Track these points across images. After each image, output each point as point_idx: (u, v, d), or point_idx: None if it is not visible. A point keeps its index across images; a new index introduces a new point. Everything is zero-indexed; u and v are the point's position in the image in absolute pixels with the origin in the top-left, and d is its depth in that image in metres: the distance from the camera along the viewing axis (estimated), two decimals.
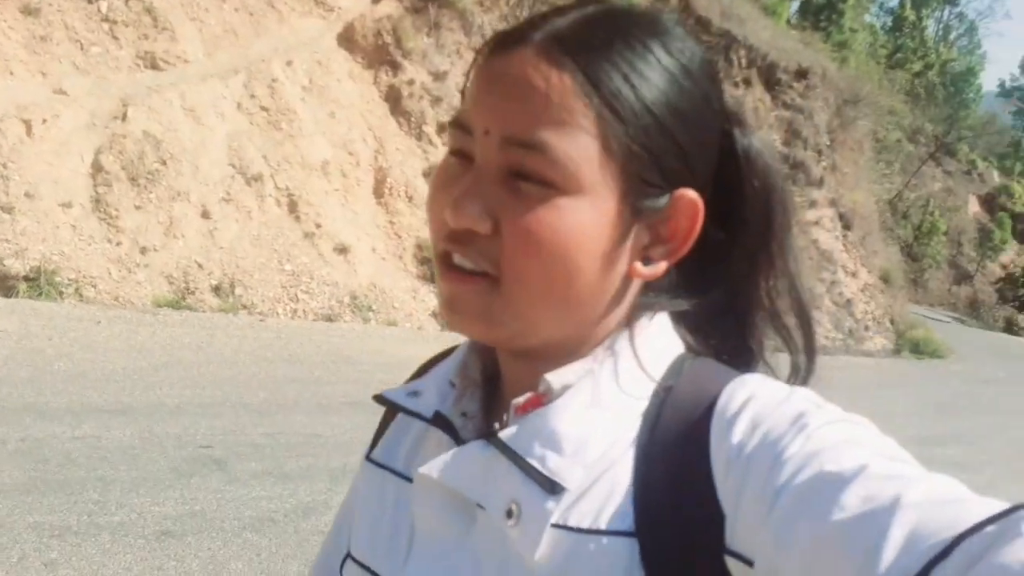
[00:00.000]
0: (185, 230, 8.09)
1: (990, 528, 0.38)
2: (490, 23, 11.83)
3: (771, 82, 15.92)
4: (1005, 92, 66.15)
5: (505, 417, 0.59)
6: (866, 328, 16.21)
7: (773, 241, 0.61)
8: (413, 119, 10.61)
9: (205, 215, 8.28)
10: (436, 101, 10.76)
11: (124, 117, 8.23)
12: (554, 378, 0.56)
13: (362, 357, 7.18)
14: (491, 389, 0.64)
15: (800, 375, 0.63)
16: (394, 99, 10.64)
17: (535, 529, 0.53)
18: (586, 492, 0.54)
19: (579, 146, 0.52)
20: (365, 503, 0.67)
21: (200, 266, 7.97)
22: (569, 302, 0.55)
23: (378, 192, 9.96)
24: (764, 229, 0.61)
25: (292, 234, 8.79)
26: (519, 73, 0.53)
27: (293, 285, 8.42)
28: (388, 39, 10.80)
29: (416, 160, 10.43)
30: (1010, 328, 38.16)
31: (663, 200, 0.56)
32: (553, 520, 0.53)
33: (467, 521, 0.57)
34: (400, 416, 0.69)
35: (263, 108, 9.37)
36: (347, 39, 10.69)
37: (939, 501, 0.41)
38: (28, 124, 7.66)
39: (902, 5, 52.87)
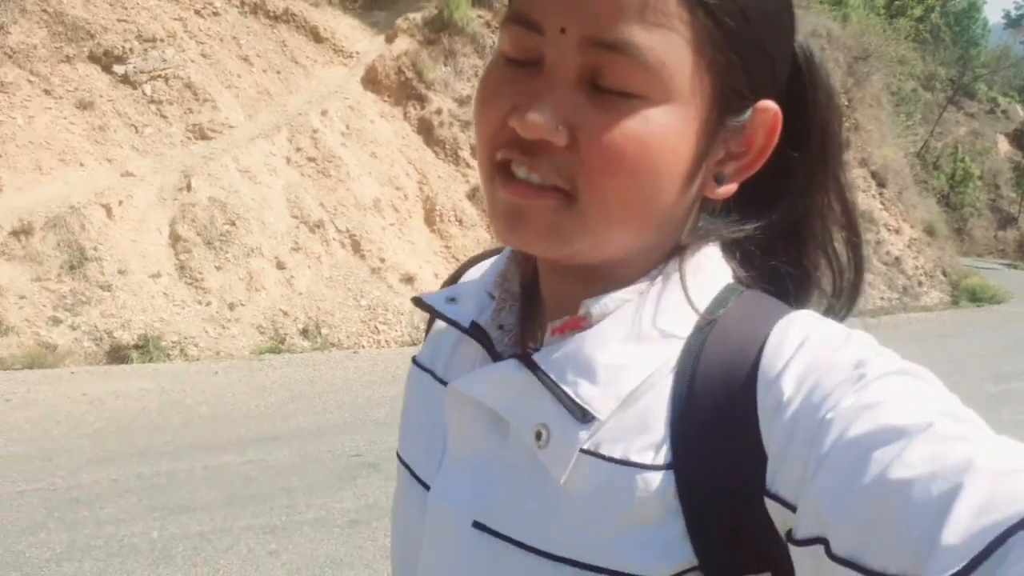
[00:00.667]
0: (264, 282, 8.94)
1: None
2: None
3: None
4: (1012, 22, 66.48)
5: (541, 336, 0.59)
6: (919, 284, 16.74)
7: (832, 156, 0.60)
8: (448, 146, 11.47)
9: (280, 266, 9.13)
10: (465, 125, 11.61)
11: (189, 187, 9.13)
12: (594, 305, 0.55)
13: None
14: (529, 302, 0.63)
15: (846, 295, 0.62)
16: (426, 130, 11.51)
17: (564, 454, 0.53)
18: (620, 422, 0.53)
19: (672, 49, 0.49)
20: (410, 404, 0.70)
21: (285, 313, 8.80)
22: (644, 221, 0.54)
23: (429, 220, 10.78)
24: (825, 143, 0.60)
25: (360, 271, 9.62)
26: None
27: (371, 319, 9.22)
28: (410, 74, 11.71)
29: (458, 184, 11.26)
30: None
31: (748, 113, 0.54)
32: (583, 446, 0.53)
33: (500, 435, 0.58)
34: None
35: (310, 159, 10.26)
36: (371, 81, 11.60)
37: (1010, 469, 0.40)
38: (107, 208, 8.57)
39: None
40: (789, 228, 0.61)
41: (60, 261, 8.00)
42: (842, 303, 0.62)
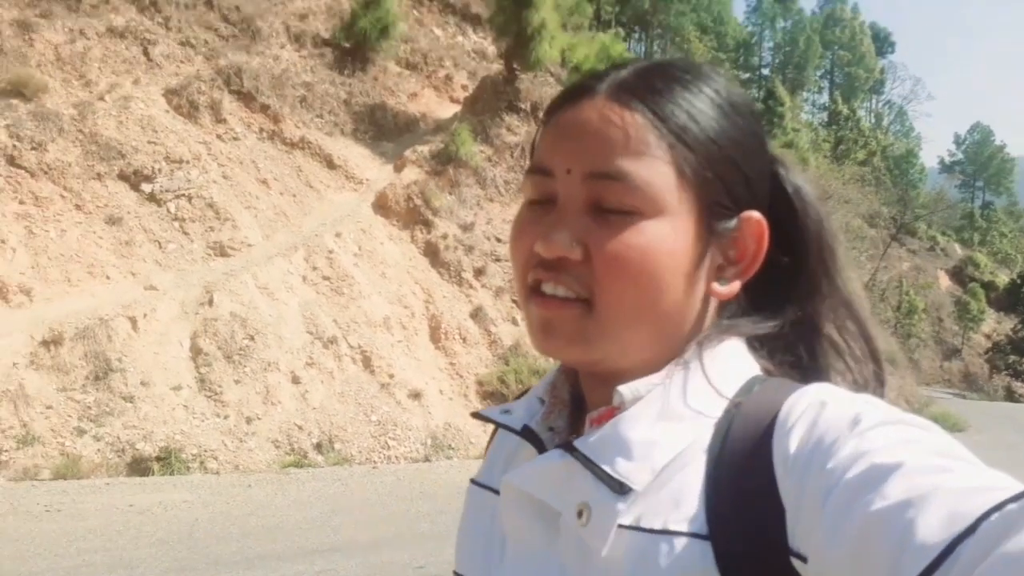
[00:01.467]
0: (280, 396, 9.12)
1: (1012, 507, 0.42)
2: (500, 175, 13.62)
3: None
4: (946, 167, 71.62)
5: (583, 430, 0.64)
6: None
7: (831, 264, 0.68)
8: (452, 268, 12.01)
9: (295, 380, 9.35)
10: (469, 249, 12.22)
11: (211, 303, 9.43)
12: (626, 389, 0.61)
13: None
14: (578, 408, 0.70)
15: (871, 388, 0.66)
16: (432, 253, 12.07)
17: (603, 527, 0.57)
18: (656, 495, 0.58)
19: (656, 173, 0.60)
20: (468, 522, 0.73)
21: (300, 427, 8.95)
22: (656, 320, 0.62)
23: (434, 338, 11.15)
24: (822, 254, 0.68)
25: (370, 387, 9.86)
26: (593, 117, 0.61)
27: (382, 434, 9.40)
28: (418, 201, 12.39)
29: (462, 304, 11.74)
30: (1011, 396, 39.84)
31: (733, 222, 0.63)
32: (623, 521, 0.57)
33: (552, 528, 0.62)
34: (498, 438, 0.76)
35: (325, 278, 10.68)
36: (381, 206, 12.24)
37: (977, 488, 0.44)
38: (133, 320, 8.80)
39: (833, 100, 57.98)
40: (802, 327, 0.67)
41: (86, 372, 8.16)
42: (868, 392, 0.64)
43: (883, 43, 65.14)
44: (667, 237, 0.59)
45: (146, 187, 10.33)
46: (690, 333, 0.64)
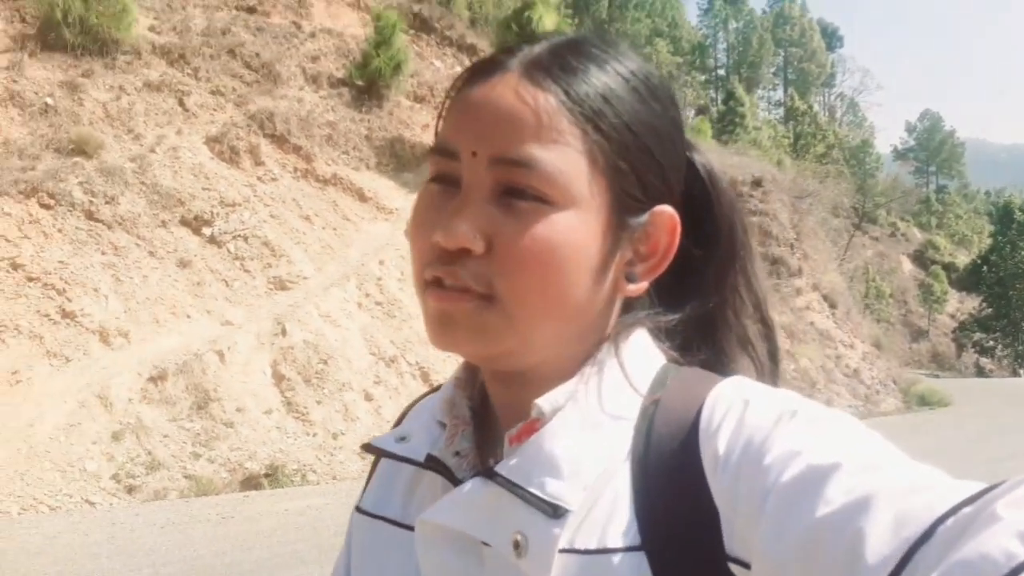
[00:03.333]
0: (357, 412, 10.22)
1: (966, 510, 0.42)
2: None
3: (738, 196, 19.45)
4: (900, 155, 74.79)
5: (500, 450, 0.61)
6: (877, 392, 19.05)
7: (741, 256, 0.68)
8: None
9: (368, 397, 10.44)
10: None
11: (283, 332, 10.49)
12: (544, 402, 0.59)
13: None
14: (481, 425, 0.67)
15: (766, 380, 0.66)
16: None
17: (544, 557, 0.54)
18: (589, 512, 0.56)
19: (568, 161, 0.57)
20: (362, 556, 0.69)
21: None
22: (563, 317, 0.59)
23: None
24: (732, 245, 0.68)
25: None
26: (503, 95, 0.58)
27: None
28: None
29: None
30: (981, 372, 42.22)
31: (645, 216, 0.61)
32: (561, 545, 0.55)
33: (476, 562, 0.59)
34: (385, 463, 0.73)
35: (377, 303, 11.78)
36: None
37: (917, 488, 0.45)
38: (220, 354, 9.83)
39: (790, 97, 60.37)
40: (706, 320, 0.67)
41: (190, 403, 9.18)
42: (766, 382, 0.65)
43: (831, 38, 68.13)
44: (576, 230, 0.58)
45: (206, 230, 11.35)
46: (596, 329, 0.63)
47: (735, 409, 0.55)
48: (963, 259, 53.50)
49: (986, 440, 12.61)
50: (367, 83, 15.23)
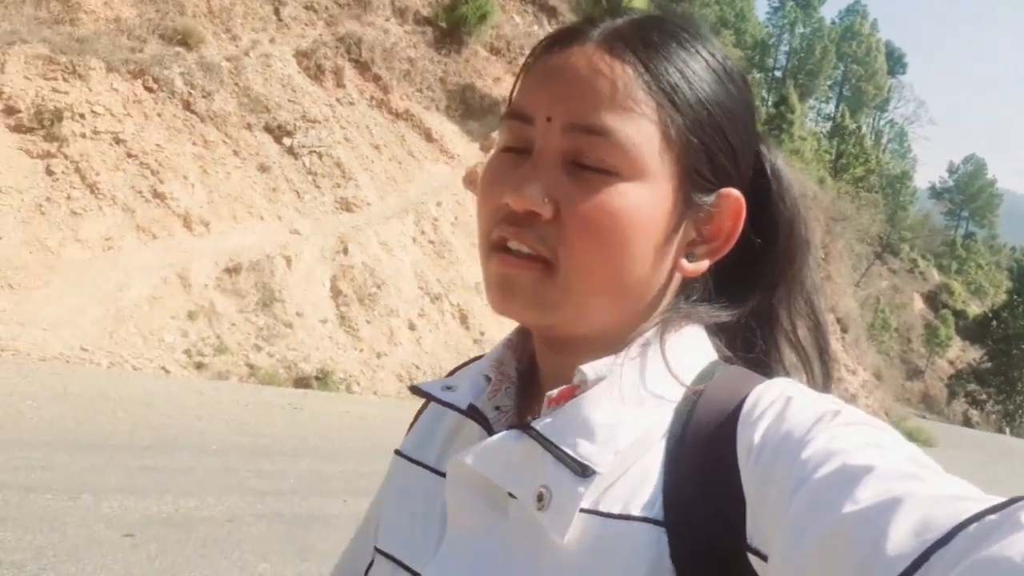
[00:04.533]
0: (401, 338, 11.22)
1: (991, 517, 0.41)
2: None
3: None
4: (936, 193, 75.13)
5: (539, 410, 0.63)
6: None
7: (801, 255, 0.68)
8: None
9: (411, 327, 11.43)
10: None
11: (345, 251, 11.43)
12: (588, 369, 0.60)
13: None
14: (526, 386, 0.69)
15: (819, 383, 0.68)
16: None
17: (565, 512, 0.56)
18: (617, 479, 0.58)
19: (641, 132, 0.58)
20: (396, 497, 0.72)
21: (416, 367, 11.05)
22: (621, 290, 0.61)
23: None
24: (793, 242, 0.67)
25: (467, 341, 12.00)
26: (581, 64, 0.59)
27: None
28: None
29: None
30: (968, 422, 43.43)
31: (712, 197, 0.62)
32: (584, 504, 0.56)
33: (499, 511, 0.61)
34: (432, 410, 0.75)
35: (430, 241, 12.71)
36: (471, 182, 14.25)
37: (948, 496, 0.45)
38: (288, 260, 10.78)
39: (841, 113, 60.57)
40: (762, 317, 0.68)
41: (256, 298, 10.15)
42: (817, 389, 0.66)
43: (896, 63, 68.01)
44: (644, 203, 0.59)
45: (287, 141, 12.21)
46: (651, 305, 0.64)
47: (778, 403, 0.56)
48: (975, 309, 54.35)
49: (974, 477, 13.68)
50: (450, 27, 15.93)
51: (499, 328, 12.61)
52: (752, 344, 0.68)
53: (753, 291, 0.67)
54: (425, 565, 0.63)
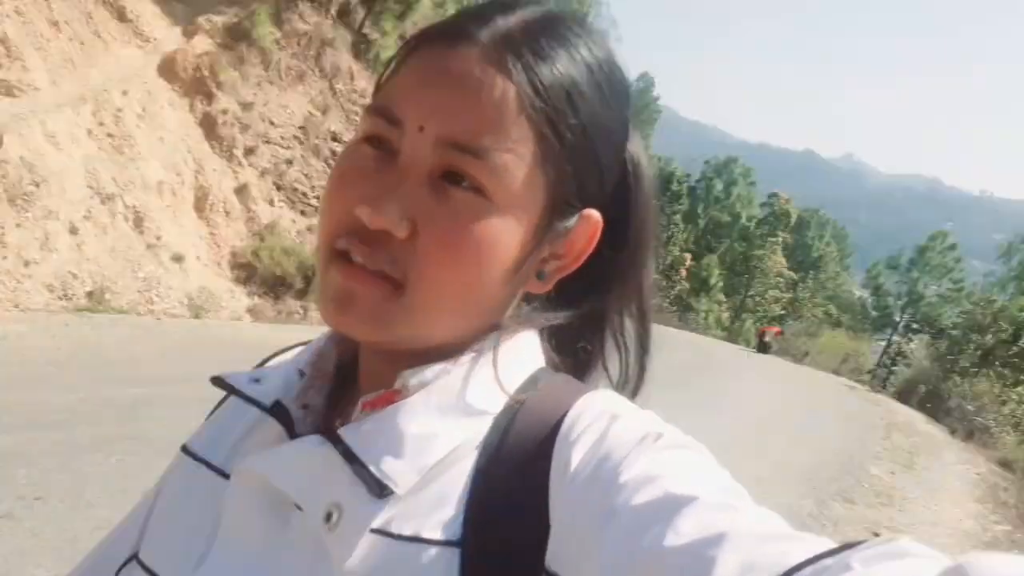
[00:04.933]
0: (58, 244, 10.90)
1: (826, 561, 0.42)
2: (284, 60, 15.37)
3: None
4: None
5: (351, 414, 0.60)
6: None
7: (642, 257, 0.68)
8: (225, 143, 13.91)
9: (73, 231, 11.07)
10: (244, 128, 14.13)
11: (0, 142, 10.73)
12: (412, 375, 0.58)
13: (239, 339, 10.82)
14: (344, 383, 0.66)
15: (632, 382, 0.69)
16: (209, 125, 13.83)
17: (353, 534, 0.54)
18: (417, 496, 0.55)
19: (518, 159, 0.56)
20: (168, 499, 0.67)
21: (74, 276, 10.85)
22: (468, 311, 0.59)
23: (199, 208, 13.20)
24: (639, 244, 0.67)
25: (139, 246, 11.86)
26: (464, 72, 0.56)
27: (147, 290, 11.56)
28: (205, 72, 13.91)
29: (228, 179, 13.78)
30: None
31: (573, 220, 0.61)
32: (374, 525, 0.54)
33: (279, 524, 0.57)
34: (233, 403, 0.69)
35: (109, 135, 12.15)
36: (168, 70, 13.61)
37: (767, 536, 0.45)
38: None
39: None
40: (592, 318, 0.68)
41: None
42: (629, 388, 0.68)
43: None
44: (506, 230, 0.57)
45: None
46: (490, 315, 0.62)
47: (600, 422, 0.55)
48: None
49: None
50: None
51: (179, 233, 12.62)
52: (578, 344, 0.69)
53: (591, 292, 0.67)
54: None
